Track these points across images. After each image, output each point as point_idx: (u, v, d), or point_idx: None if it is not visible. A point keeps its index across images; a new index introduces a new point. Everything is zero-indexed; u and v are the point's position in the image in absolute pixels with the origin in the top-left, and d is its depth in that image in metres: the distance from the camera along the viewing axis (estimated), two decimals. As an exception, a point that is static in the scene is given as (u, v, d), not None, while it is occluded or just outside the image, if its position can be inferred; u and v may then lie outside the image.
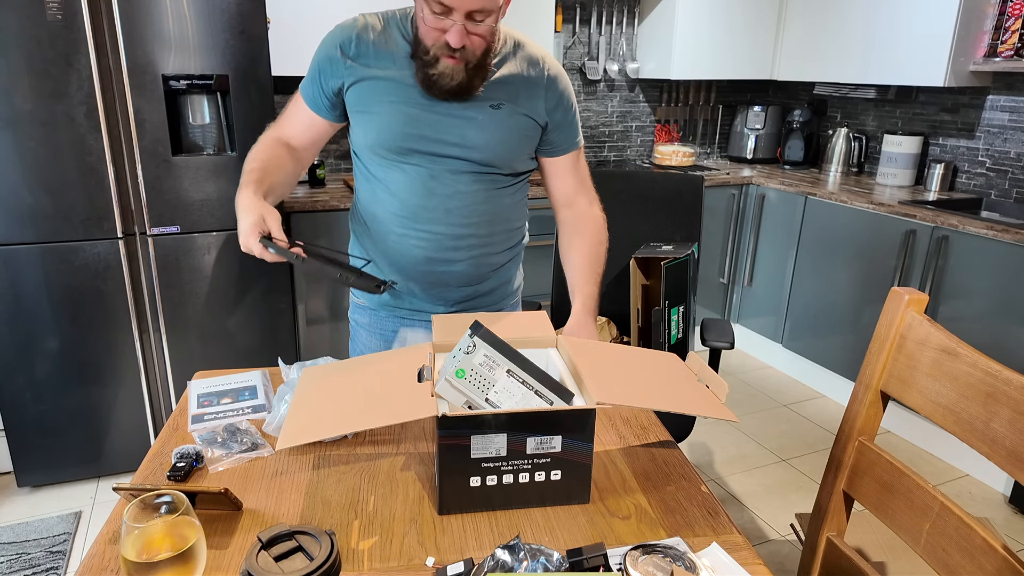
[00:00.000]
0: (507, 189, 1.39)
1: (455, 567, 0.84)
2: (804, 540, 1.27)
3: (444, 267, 1.38)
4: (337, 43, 1.29)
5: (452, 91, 1.23)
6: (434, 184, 1.31)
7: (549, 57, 1.38)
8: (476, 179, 1.33)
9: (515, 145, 1.34)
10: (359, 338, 1.54)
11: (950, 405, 0.99)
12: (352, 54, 1.28)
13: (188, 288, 2.38)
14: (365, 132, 1.31)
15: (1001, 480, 2.51)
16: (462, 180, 1.32)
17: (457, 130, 1.29)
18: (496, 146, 1.31)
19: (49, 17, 2.01)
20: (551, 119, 1.37)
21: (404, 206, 1.34)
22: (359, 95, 1.29)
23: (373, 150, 1.32)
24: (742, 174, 3.48)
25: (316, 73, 1.32)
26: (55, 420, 2.34)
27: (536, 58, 1.35)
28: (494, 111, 1.30)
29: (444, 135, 1.28)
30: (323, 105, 1.34)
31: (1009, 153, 2.90)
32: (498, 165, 1.34)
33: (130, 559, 0.73)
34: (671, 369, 1.15)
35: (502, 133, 1.31)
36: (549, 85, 1.35)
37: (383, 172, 1.33)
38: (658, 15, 3.45)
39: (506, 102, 1.31)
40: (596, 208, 1.49)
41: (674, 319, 1.90)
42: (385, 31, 1.30)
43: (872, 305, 2.90)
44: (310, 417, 0.99)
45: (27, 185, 2.12)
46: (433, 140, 1.28)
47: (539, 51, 1.37)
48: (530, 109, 1.33)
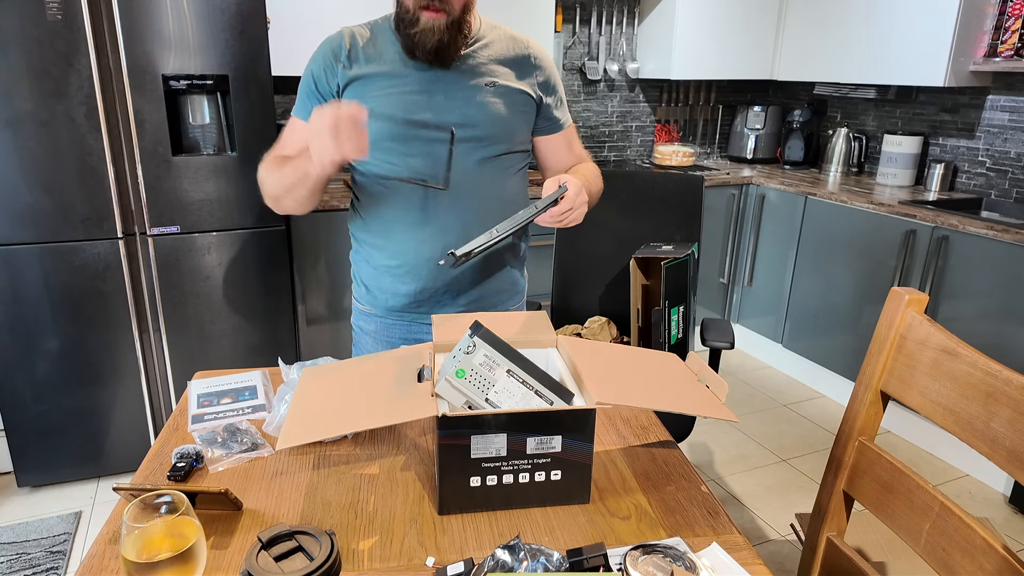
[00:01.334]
0: (510, 172, 1.41)
1: (455, 567, 0.84)
2: (804, 540, 1.27)
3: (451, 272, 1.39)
4: (329, 51, 1.31)
5: (435, 51, 1.25)
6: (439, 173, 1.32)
7: (530, 40, 1.41)
8: (482, 163, 1.34)
9: (513, 118, 1.36)
10: (364, 345, 1.52)
11: (950, 405, 0.99)
12: (344, 59, 1.30)
13: (188, 288, 2.38)
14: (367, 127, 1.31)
15: (1001, 480, 2.51)
16: (468, 163, 1.33)
17: (457, 109, 1.31)
18: (496, 119, 1.34)
19: (49, 17, 2.01)
20: (541, 100, 1.40)
21: (409, 201, 1.34)
22: (355, 92, 1.31)
23: (375, 142, 1.32)
24: (742, 174, 3.48)
25: (311, 86, 1.33)
26: (55, 420, 2.34)
27: (517, 37, 1.39)
28: (489, 89, 1.33)
29: (444, 116, 1.30)
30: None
31: (1009, 153, 2.90)
32: (500, 141, 1.35)
33: (130, 559, 0.73)
34: (671, 369, 1.15)
35: (500, 107, 1.34)
36: (535, 62, 1.39)
37: (387, 166, 1.33)
38: (658, 15, 3.45)
39: (498, 80, 1.34)
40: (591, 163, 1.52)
41: (674, 319, 1.90)
42: (373, 36, 1.33)
43: (872, 305, 2.90)
44: (310, 417, 0.99)
45: (27, 185, 2.12)
46: (433, 124, 1.30)
47: (519, 35, 1.40)
48: (521, 83, 1.37)
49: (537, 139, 1.46)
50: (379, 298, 1.44)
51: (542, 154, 1.48)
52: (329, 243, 2.69)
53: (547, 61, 1.41)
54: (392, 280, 1.41)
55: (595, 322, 2.13)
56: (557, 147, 1.48)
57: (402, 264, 1.39)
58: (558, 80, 1.44)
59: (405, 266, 1.38)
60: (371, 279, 1.45)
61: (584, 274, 2.23)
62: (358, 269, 1.48)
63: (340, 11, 2.64)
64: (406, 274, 1.39)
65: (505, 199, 1.39)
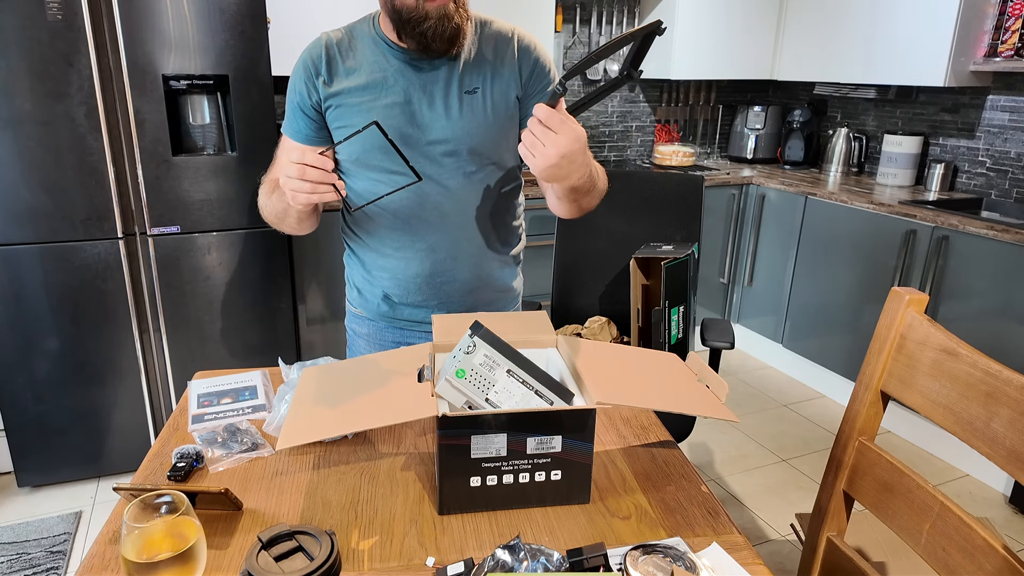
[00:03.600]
0: (498, 186, 1.37)
1: (455, 567, 0.84)
2: (804, 540, 1.27)
3: (445, 277, 1.37)
4: (310, 65, 1.28)
5: (450, 37, 1.21)
6: (426, 189, 1.29)
7: (519, 29, 1.35)
8: (467, 179, 1.32)
9: (496, 129, 1.32)
10: (357, 347, 1.52)
11: (950, 405, 0.99)
12: (325, 72, 1.27)
13: (188, 288, 2.38)
14: (349, 145, 1.27)
15: (1001, 480, 2.51)
16: (454, 181, 1.31)
17: (438, 124, 1.28)
18: (477, 131, 1.29)
19: (49, 17, 2.01)
20: (526, 90, 1.33)
21: (397, 218, 1.32)
22: (337, 113, 1.28)
23: (359, 162, 1.30)
24: (742, 174, 3.48)
25: (296, 102, 1.30)
26: (55, 420, 2.34)
27: (505, 32, 1.33)
28: (470, 97, 1.28)
29: (427, 134, 1.28)
30: (311, 132, 1.32)
31: (1009, 153, 2.90)
32: (484, 153, 1.31)
33: (130, 559, 0.73)
34: (671, 369, 1.15)
35: (481, 119, 1.30)
36: (522, 55, 1.32)
37: (372, 186, 1.31)
38: (658, 15, 3.45)
39: (479, 86, 1.29)
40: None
41: (674, 319, 1.90)
42: (351, 41, 1.29)
43: (872, 305, 2.90)
44: (310, 417, 0.99)
45: (27, 185, 2.12)
46: (416, 141, 1.28)
47: (507, 25, 1.34)
48: (505, 88, 1.31)
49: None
50: (371, 302, 1.44)
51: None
52: (329, 243, 2.69)
53: (537, 52, 1.34)
54: (383, 287, 1.40)
55: (595, 322, 2.13)
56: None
57: (391, 278, 1.38)
58: (549, 69, 1.35)
59: (394, 279, 1.38)
60: (363, 284, 1.44)
61: (584, 274, 2.23)
62: (351, 273, 1.47)
63: (340, 11, 2.64)
64: (395, 287, 1.39)
65: (494, 214, 1.37)
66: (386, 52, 1.28)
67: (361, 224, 1.38)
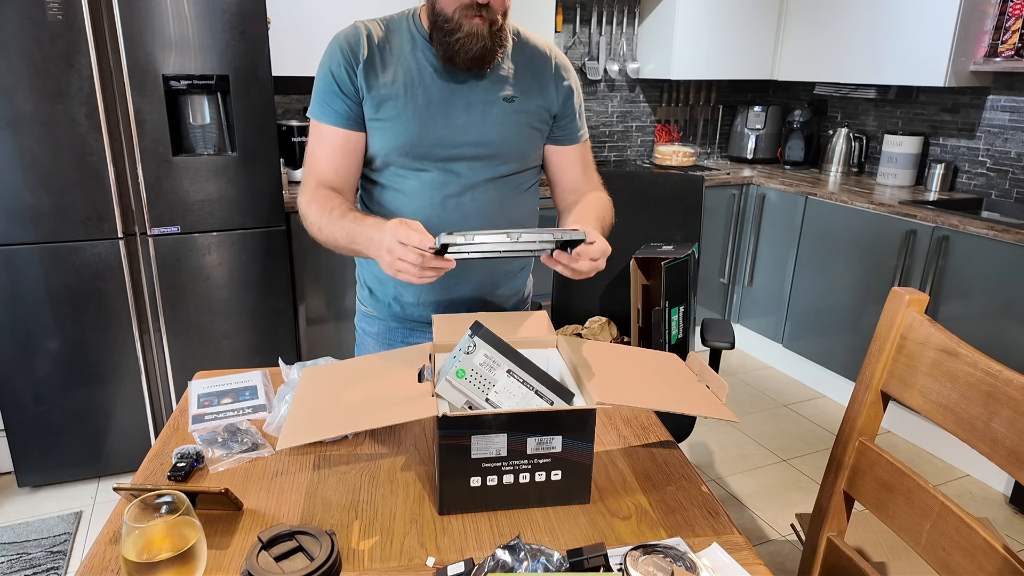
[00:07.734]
0: (520, 190, 1.39)
1: (455, 567, 0.84)
2: (804, 540, 1.27)
3: (459, 278, 1.37)
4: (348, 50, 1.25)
5: (476, 58, 1.21)
6: (450, 190, 1.30)
7: (553, 46, 1.38)
8: (491, 184, 1.33)
9: (528, 138, 1.34)
10: (366, 347, 1.52)
11: (950, 405, 0.99)
12: (363, 64, 1.25)
13: (188, 288, 2.38)
14: (382, 140, 1.28)
15: (1001, 480, 2.51)
16: (478, 185, 1.31)
17: (473, 128, 1.28)
18: (511, 139, 1.31)
19: (49, 17, 2.01)
20: (561, 109, 1.37)
21: (417, 216, 1.32)
22: (372, 104, 1.27)
23: (388, 158, 1.30)
24: (742, 174, 3.48)
25: (333, 86, 1.26)
26: (55, 420, 2.35)
27: (542, 47, 1.36)
28: (507, 104, 1.30)
29: (460, 136, 1.28)
30: (352, 113, 1.28)
31: (1009, 153, 2.90)
32: (513, 160, 1.33)
33: (130, 559, 0.73)
34: (671, 369, 1.15)
35: (516, 127, 1.31)
36: (557, 74, 1.35)
37: (397, 181, 1.31)
38: (658, 15, 3.45)
39: (518, 95, 1.31)
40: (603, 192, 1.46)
41: (674, 319, 1.90)
42: (389, 36, 1.28)
43: (872, 305, 2.90)
44: (310, 417, 0.99)
45: (27, 185, 2.12)
46: (449, 143, 1.27)
47: (542, 40, 1.37)
48: (542, 99, 1.33)
49: (549, 148, 1.41)
50: (382, 302, 1.44)
51: (553, 167, 1.43)
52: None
53: (570, 73, 1.37)
54: (396, 288, 1.41)
55: (595, 322, 2.13)
56: (570, 162, 1.42)
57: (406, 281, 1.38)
58: (579, 90, 1.39)
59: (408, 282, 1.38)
60: (375, 284, 1.44)
61: (584, 274, 2.23)
62: (362, 272, 1.47)
63: (340, 11, 2.64)
64: (408, 288, 1.39)
65: (514, 217, 1.38)
66: (425, 50, 1.27)
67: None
